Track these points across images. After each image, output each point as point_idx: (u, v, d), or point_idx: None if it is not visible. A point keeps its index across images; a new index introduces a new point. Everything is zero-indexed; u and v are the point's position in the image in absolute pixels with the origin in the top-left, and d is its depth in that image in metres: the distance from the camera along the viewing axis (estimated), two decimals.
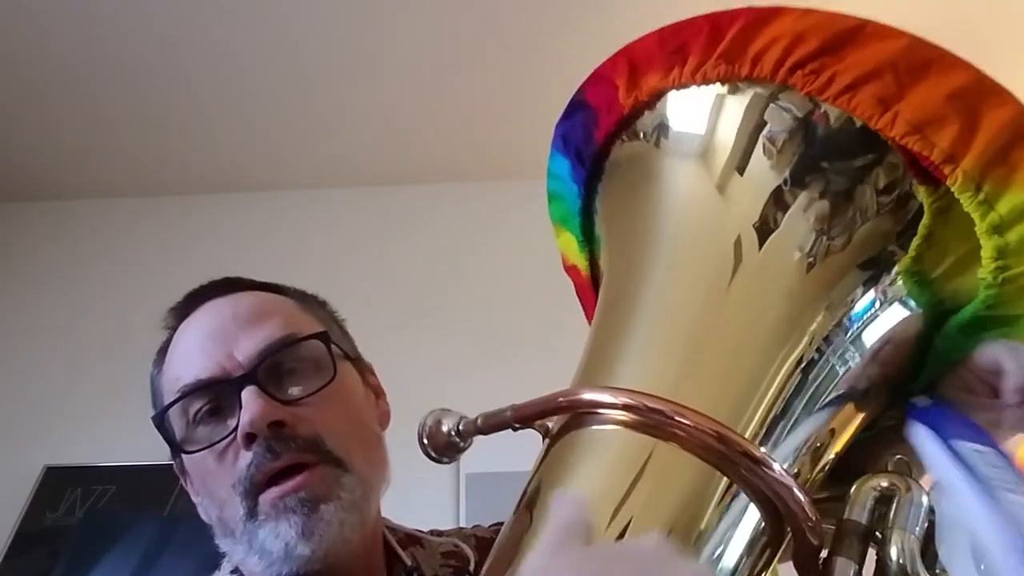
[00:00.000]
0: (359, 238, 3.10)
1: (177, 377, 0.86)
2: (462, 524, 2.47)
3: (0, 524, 2.48)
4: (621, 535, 0.54)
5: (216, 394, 0.84)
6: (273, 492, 0.80)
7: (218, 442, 0.82)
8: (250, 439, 0.81)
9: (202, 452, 0.84)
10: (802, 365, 0.60)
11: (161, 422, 0.86)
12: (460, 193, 3.12)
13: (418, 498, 1.74)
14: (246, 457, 0.81)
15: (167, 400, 0.86)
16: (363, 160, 3.14)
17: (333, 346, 0.88)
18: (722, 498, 0.56)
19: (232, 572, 0.88)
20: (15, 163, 3.06)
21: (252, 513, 0.81)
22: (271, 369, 0.84)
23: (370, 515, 0.87)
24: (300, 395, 0.84)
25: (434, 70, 2.78)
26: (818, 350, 0.61)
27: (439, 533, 1.05)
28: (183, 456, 0.87)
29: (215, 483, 0.84)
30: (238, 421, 0.81)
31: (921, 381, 0.68)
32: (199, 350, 0.86)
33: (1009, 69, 2.26)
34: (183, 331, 0.90)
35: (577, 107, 0.74)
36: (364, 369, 0.97)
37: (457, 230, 3.07)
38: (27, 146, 3.00)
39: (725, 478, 0.56)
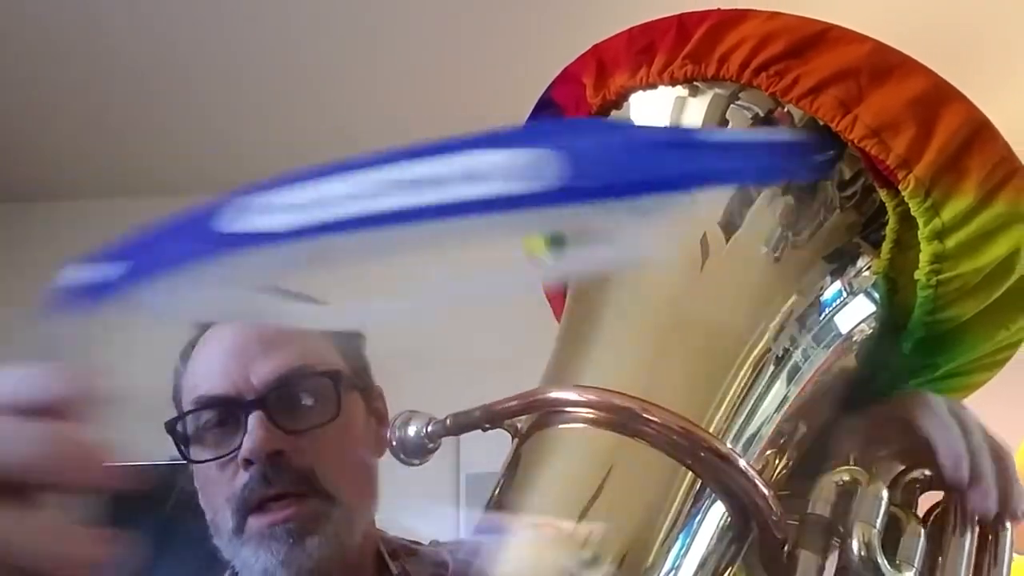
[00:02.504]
0: None
1: (196, 384, 0.93)
2: (462, 524, 2.50)
3: None
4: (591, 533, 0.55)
5: (226, 411, 0.90)
6: (263, 520, 0.87)
7: (221, 457, 0.89)
8: (248, 464, 0.87)
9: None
10: (768, 362, 0.61)
11: (173, 427, 0.93)
12: None
13: (418, 498, 1.75)
14: (242, 478, 0.87)
15: (184, 404, 0.94)
16: None
17: (342, 383, 0.94)
18: (689, 494, 0.57)
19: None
20: (17, 163, 3.07)
21: (239, 530, 0.88)
22: (280, 397, 0.90)
23: (354, 542, 0.92)
24: (301, 427, 0.89)
25: (437, 69, 2.79)
26: (783, 346, 0.62)
27: (437, 544, 1.09)
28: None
29: (213, 491, 0.91)
30: (241, 441, 0.87)
31: (870, 393, 0.69)
32: (220, 365, 0.92)
33: (1005, 71, 2.27)
34: (211, 336, 0.96)
35: (544, 106, 0.75)
36: (372, 396, 1.02)
37: None
38: (29, 146, 3.02)
39: (691, 474, 0.57)
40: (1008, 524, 0.63)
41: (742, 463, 0.55)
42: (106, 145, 3.04)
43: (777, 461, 0.62)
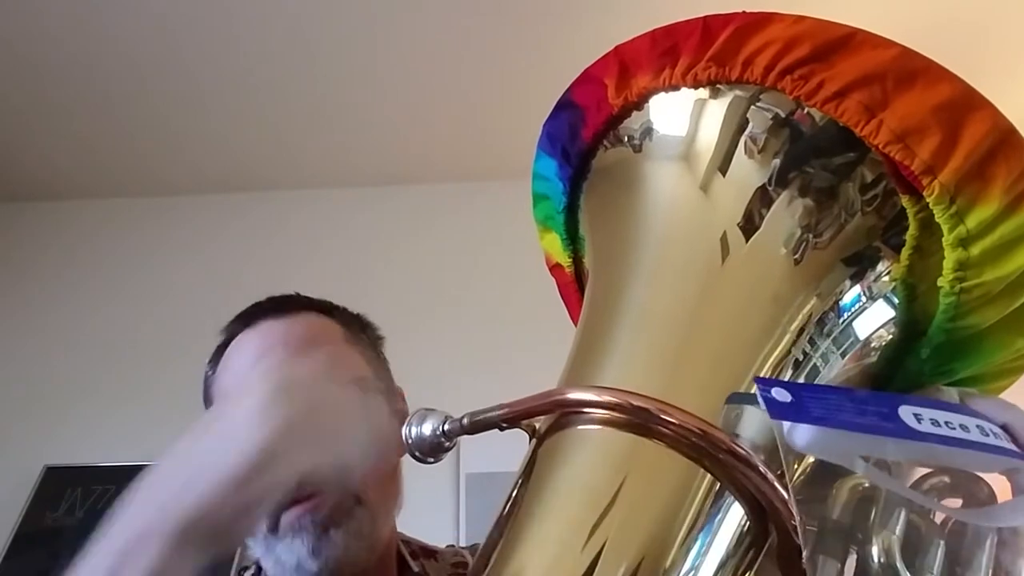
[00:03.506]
0: (364, 238, 3.11)
1: (226, 391, 0.96)
2: (462, 524, 2.50)
3: (0, 524, 2.48)
4: (608, 536, 0.55)
5: None
6: (293, 512, 0.90)
7: None
8: None
9: None
10: (786, 364, 0.61)
11: None
12: (468, 192, 3.13)
13: (418, 498, 1.74)
14: None
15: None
16: (368, 160, 3.15)
17: (369, 390, 0.97)
18: (707, 496, 0.57)
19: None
20: (18, 163, 3.06)
21: (273, 529, 0.91)
22: None
23: (380, 540, 0.98)
24: None
25: (440, 69, 2.79)
26: (803, 350, 0.61)
27: (455, 547, 1.14)
28: None
29: None
30: None
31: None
32: (250, 370, 0.95)
33: (1009, 70, 2.26)
34: (239, 343, 1.01)
35: (564, 107, 0.75)
36: (394, 397, 1.07)
37: (465, 229, 3.08)
38: (31, 146, 3.01)
39: (710, 476, 0.56)
40: None
41: (761, 466, 0.55)
42: (106, 145, 3.03)
43: (796, 465, 0.61)
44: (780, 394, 0.55)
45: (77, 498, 2.54)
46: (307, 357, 0.95)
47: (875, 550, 0.57)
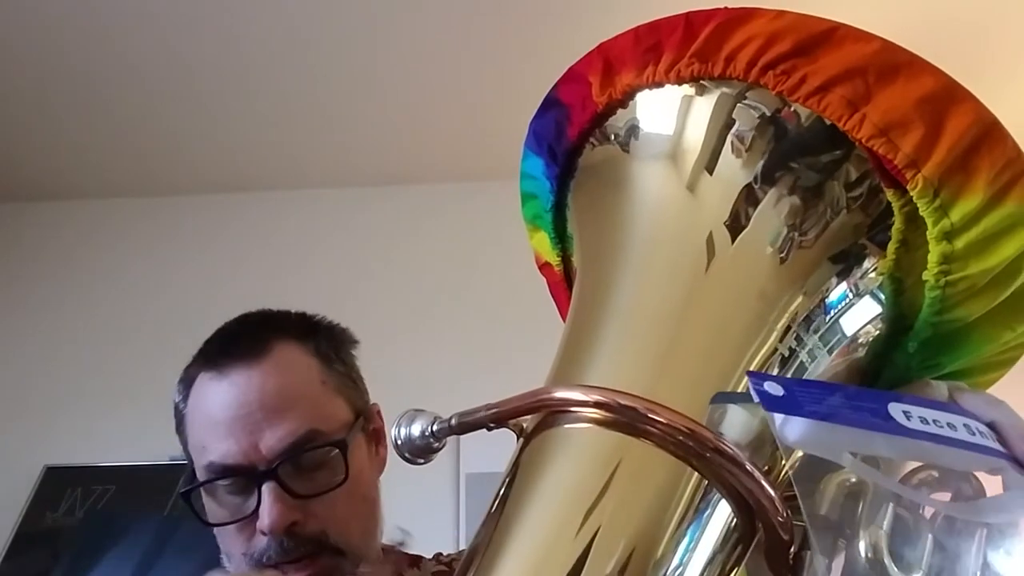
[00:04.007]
0: (364, 238, 3.11)
1: (204, 446, 0.95)
2: (462, 524, 2.50)
3: (0, 524, 2.49)
4: (595, 534, 0.55)
5: (239, 479, 0.93)
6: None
7: (237, 520, 0.93)
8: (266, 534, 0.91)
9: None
10: (773, 361, 0.61)
11: (187, 495, 0.97)
12: (467, 192, 3.12)
13: (418, 498, 1.75)
14: (260, 542, 0.92)
15: (192, 452, 0.98)
16: (368, 160, 3.15)
17: (350, 447, 0.96)
18: (694, 495, 0.57)
19: None
20: (17, 163, 3.07)
21: None
22: (291, 466, 0.93)
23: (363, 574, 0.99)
24: (312, 492, 0.93)
25: (440, 69, 2.79)
26: (789, 347, 0.61)
27: (441, 555, 1.13)
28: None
29: (230, 542, 0.96)
30: (258, 503, 0.90)
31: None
32: (226, 430, 0.93)
33: (1011, 70, 2.26)
34: (213, 391, 0.96)
35: (550, 105, 0.75)
36: (369, 418, 1.05)
37: (465, 229, 3.08)
38: (30, 146, 3.01)
39: (697, 475, 0.56)
40: None
41: (748, 464, 0.55)
42: (106, 145, 3.03)
43: (783, 462, 0.61)
44: (772, 388, 0.55)
45: (77, 498, 2.55)
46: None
47: (863, 545, 0.56)
